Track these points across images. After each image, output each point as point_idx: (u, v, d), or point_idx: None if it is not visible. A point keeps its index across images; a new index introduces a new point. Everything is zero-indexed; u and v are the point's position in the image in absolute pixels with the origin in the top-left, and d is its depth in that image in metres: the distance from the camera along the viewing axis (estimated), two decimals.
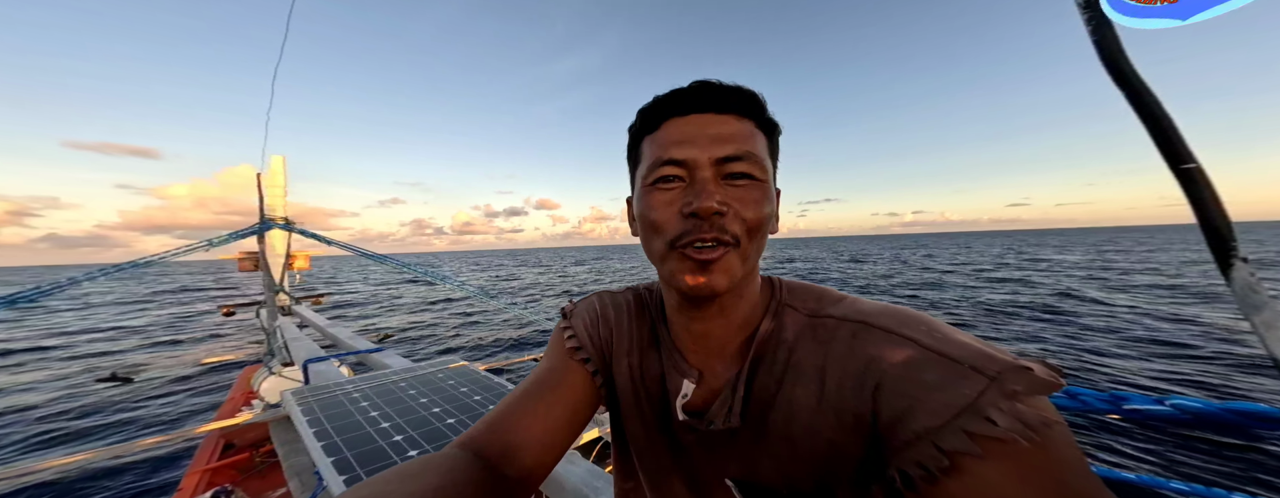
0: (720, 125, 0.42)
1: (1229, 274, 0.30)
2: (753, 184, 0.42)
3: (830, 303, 0.45)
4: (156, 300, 26.45)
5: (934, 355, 0.35)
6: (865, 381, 0.37)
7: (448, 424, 1.47)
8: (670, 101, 0.44)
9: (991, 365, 0.33)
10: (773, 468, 0.43)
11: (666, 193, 0.43)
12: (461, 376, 1.97)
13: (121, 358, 11.29)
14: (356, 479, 1.12)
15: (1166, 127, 0.32)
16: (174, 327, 16.39)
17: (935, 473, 0.32)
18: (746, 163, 0.41)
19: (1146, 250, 40.70)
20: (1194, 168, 0.31)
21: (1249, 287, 0.29)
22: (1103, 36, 0.36)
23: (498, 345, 12.09)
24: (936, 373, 0.34)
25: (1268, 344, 0.29)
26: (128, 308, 22.82)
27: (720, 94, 0.43)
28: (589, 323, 0.62)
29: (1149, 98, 0.33)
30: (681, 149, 0.42)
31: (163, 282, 47.52)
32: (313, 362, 2.45)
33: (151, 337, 14.50)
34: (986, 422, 0.30)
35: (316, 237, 5.53)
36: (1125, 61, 0.35)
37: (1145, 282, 17.79)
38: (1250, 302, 0.29)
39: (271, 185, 5.58)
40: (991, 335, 10.13)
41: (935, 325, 0.38)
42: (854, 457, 0.38)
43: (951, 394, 0.32)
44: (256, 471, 3.40)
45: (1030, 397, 0.31)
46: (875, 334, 0.39)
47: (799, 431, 0.41)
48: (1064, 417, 0.32)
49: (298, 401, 1.67)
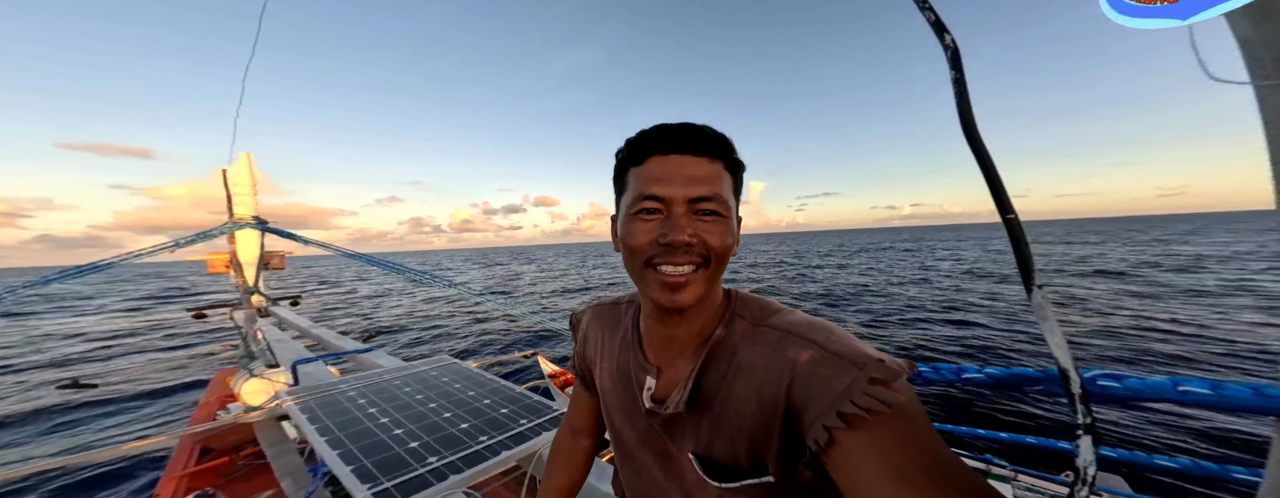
0: (695, 167, 0.50)
1: (1031, 296, 0.42)
2: (717, 220, 0.50)
3: (771, 314, 0.55)
4: (146, 303, 24.99)
5: (828, 354, 0.45)
6: (783, 377, 0.48)
7: (446, 418, 1.57)
8: (655, 139, 0.51)
9: (862, 360, 0.43)
10: (722, 446, 0.53)
11: (646, 223, 0.51)
12: (454, 372, 2.06)
13: (83, 363, 10.74)
14: (365, 472, 1.21)
15: (997, 184, 0.42)
16: (141, 332, 15.62)
17: (823, 446, 0.43)
18: (714, 203, 0.50)
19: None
20: (1014, 217, 0.42)
21: (1042, 304, 0.41)
22: (963, 106, 0.44)
23: (488, 342, 12.05)
24: (829, 368, 0.44)
25: (1049, 342, 0.42)
26: (108, 311, 21.49)
27: (697, 138, 0.50)
28: (581, 337, 0.79)
29: (987, 159, 0.43)
30: (662, 187, 0.50)
31: (149, 282, 44.72)
32: (301, 363, 2.48)
33: (120, 341, 13.79)
34: (851, 404, 0.41)
35: (292, 236, 5.40)
36: (974, 127, 0.43)
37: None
38: (1042, 314, 0.41)
39: (241, 183, 5.40)
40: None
41: (835, 331, 0.49)
42: (775, 437, 0.49)
43: (835, 384, 0.43)
44: (238, 475, 3.37)
45: (890, 382, 0.41)
46: (794, 340, 0.49)
47: (736, 416, 0.51)
48: (933, 387, 0.44)
49: (295, 400, 1.74)
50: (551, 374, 5.95)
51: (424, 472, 1.22)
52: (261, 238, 5.56)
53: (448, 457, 1.30)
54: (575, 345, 0.81)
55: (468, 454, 1.32)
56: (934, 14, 0.47)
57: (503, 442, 1.40)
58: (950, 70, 0.46)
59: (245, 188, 5.55)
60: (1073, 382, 0.43)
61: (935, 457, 0.39)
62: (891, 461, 0.39)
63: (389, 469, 1.22)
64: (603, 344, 0.73)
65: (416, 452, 1.33)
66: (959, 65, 0.46)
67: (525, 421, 1.55)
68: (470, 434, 1.45)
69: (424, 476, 1.20)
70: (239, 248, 5.45)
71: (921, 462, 0.39)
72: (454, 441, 1.40)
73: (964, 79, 0.45)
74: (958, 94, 0.45)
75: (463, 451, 1.34)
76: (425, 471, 1.22)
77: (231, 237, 5.48)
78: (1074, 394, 0.44)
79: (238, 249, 5.44)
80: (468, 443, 1.38)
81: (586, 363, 0.77)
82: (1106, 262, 23.54)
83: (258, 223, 5.41)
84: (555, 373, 6.00)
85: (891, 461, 0.39)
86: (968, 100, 0.45)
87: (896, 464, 0.39)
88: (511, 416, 1.59)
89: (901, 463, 0.39)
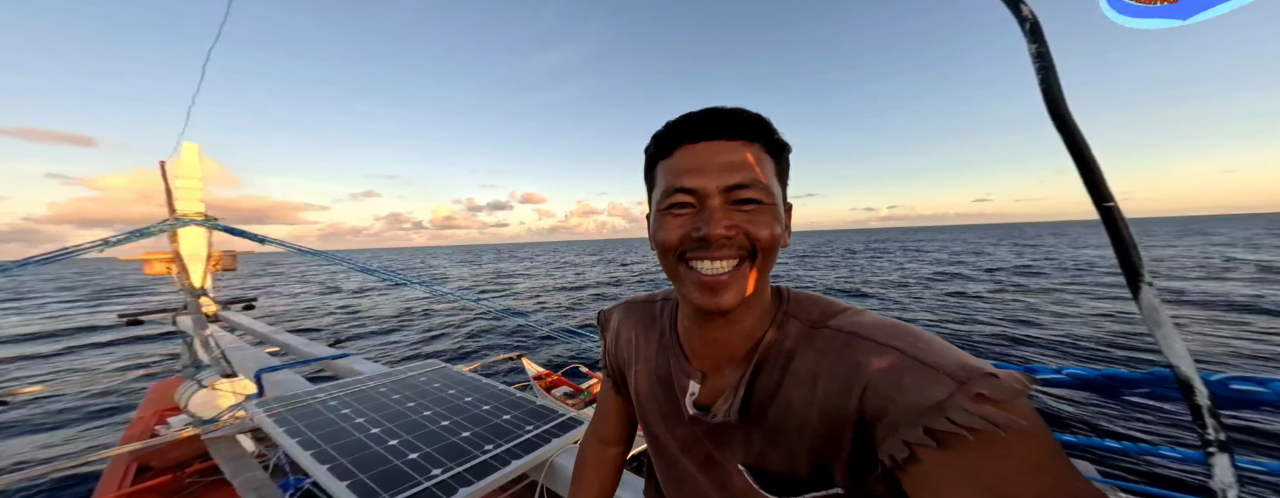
0: (729, 153, 0.45)
1: (1138, 297, 0.36)
2: (760, 208, 0.45)
3: (831, 315, 0.50)
4: (75, 306, 22.29)
5: (913, 362, 0.40)
6: (853, 384, 0.43)
7: (444, 426, 1.46)
8: (682, 128, 0.47)
9: (961, 372, 0.38)
10: (778, 457, 0.49)
11: (678, 218, 0.47)
12: (445, 377, 1.93)
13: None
14: (360, 485, 1.10)
15: (1094, 170, 0.38)
16: (65, 338, 13.96)
17: (899, 462, 0.38)
18: (754, 190, 0.45)
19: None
20: (1114, 206, 0.37)
21: (1153, 306, 0.36)
22: (1048, 83, 0.39)
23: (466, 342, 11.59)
24: (913, 378, 0.39)
25: (1165, 352, 0.37)
26: (27, 314, 19.03)
27: (729, 121, 0.45)
28: (612, 337, 0.73)
29: (1082, 143, 0.38)
30: (692, 178, 0.45)
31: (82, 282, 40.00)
32: (267, 372, 2.27)
33: (41, 348, 12.28)
34: (946, 420, 0.36)
35: (245, 234, 4.99)
36: (1065, 108, 0.38)
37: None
38: (1154, 319, 0.36)
39: (186, 176, 4.94)
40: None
41: (920, 336, 0.43)
42: (845, 449, 0.44)
43: (923, 395, 0.38)
44: (186, 493, 3.08)
45: (1002, 400, 0.36)
46: (864, 344, 0.44)
47: (794, 426, 0.47)
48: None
49: (266, 412, 1.57)
50: (537, 376, 5.77)
51: (430, 485, 1.12)
52: (209, 236, 5.09)
53: (454, 468, 1.20)
54: (605, 345, 0.76)
55: (475, 465, 1.23)
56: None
57: (511, 450, 1.31)
58: (1030, 43, 0.40)
59: (193, 182, 5.07)
60: (1198, 392, 0.37)
61: (1056, 486, 0.33)
62: (994, 489, 0.34)
63: (390, 484, 1.12)
64: (637, 345, 0.68)
65: (418, 464, 1.22)
66: (1041, 38, 0.40)
67: (530, 427, 1.47)
68: (474, 443, 1.35)
69: (431, 489, 1.10)
70: (183, 247, 4.97)
71: (1038, 491, 0.33)
72: (458, 450, 1.30)
73: (1049, 54, 0.40)
74: (1041, 69, 0.39)
75: (469, 461, 1.24)
76: (432, 484, 1.13)
77: (173, 235, 4.99)
78: (1201, 407, 0.38)
79: (181, 248, 4.96)
80: (473, 453, 1.29)
81: (619, 364, 0.72)
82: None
83: (206, 220, 4.95)
84: (541, 374, 5.82)
85: (994, 489, 0.34)
86: (1054, 76, 0.39)
87: (1000, 493, 0.34)
88: (515, 422, 1.51)
89: (1007, 492, 0.33)
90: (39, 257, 4.00)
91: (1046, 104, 0.39)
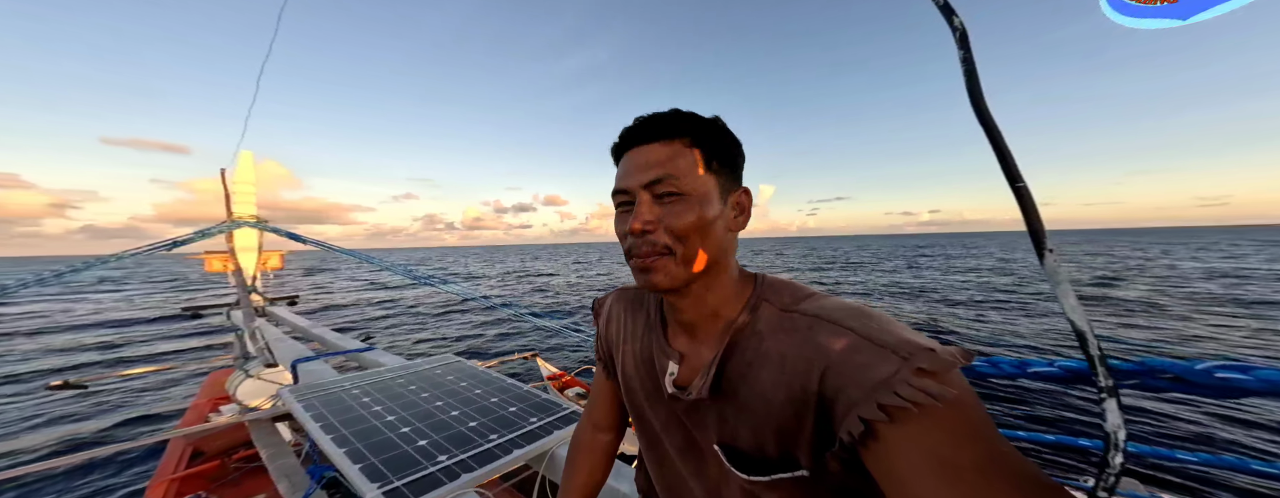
0: (648, 154, 0.51)
1: (1043, 261, 0.44)
2: (678, 199, 0.50)
3: (801, 299, 0.52)
4: (150, 297, 24.78)
5: (865, 342, 0.43)
6: (814, 365, 0.45)
7: (454, 416, 1.54)
8: (624, 137, 0.54)
9: (905, 348, 0.40)
10: (748, 435, 0.51)
11: (622, 215, 0.54)
12: (458, 370, 2.02)
13: (77, 362, 10.59)
14: (374, 470, 1.18)
15: (1007, 156, 0.44)
16: (133, 329, 15.43)
17: (858, 438, 0.40)
18: (667, 183, 0.49)
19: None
20: (1023, 186, 0.43)
21: (1054, 269, 0.43)
22: (972, 84, 0.46)
23: (488, 341, 11.96)
24: (865, 356, 0.42)
25: (1063, 305, 0.43)
26: (107, 307, 21.25)
27: (648, 126, 0.52)
28: (604, 321, 0.77)
29: (998, 134, 0.45)
30: (623, 180, 0.53)
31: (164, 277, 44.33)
32: (301, 362, 2.44)
33: (112, 339, 13.62)
34: (893, 394, 0.38)
35: (290, 234, 5.36)
36: (982, 99, 0.46)
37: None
38: (1054, 278, 0.43)
39: (242, 182, 5.37)
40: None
41: (874, 316, 0.46)
42: (807, 428, 0.46)
43: (874, 373, 0.40)
44: (230, 479, 3.31)
45: (942, 374, 0.38)
46: (826, 326, 0.46)
47: (763, 405, 0.49)
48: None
49: (297, 398, 1.70)
50: (551, 376, 5.88)
51: (435, 470, 1.18)
52: (260, 237, 5.51)
53: (458, 455, 1.27)
54: (598, 329, 0.79)
55: (478, 453, 1.28)
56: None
57: (514, 440, 1.36)
58: (959, 50, 0.48)
59: (247, 187, 5.52)
60: (1090, 343, 0.44)
61: (990, 452, 0.37)
62: (939, 456, 0.37)
63: (399, 468, 1.19)
64: (625, 327, 0.71)
65: (426, 450, 1.29)
66: (967, 45, 0.48)
67: (534, 419, 1.52)
68: (480, 432, 1.41)
69: (435, 474, 1.16)
70: (237, 246, 5.40)
71: (974, 457, 0.36)
72: (463, 439, 1.37)
73: (973, 58, 0.47)
74: (967, 73, 0.47)
75: (473, 449, 1.30)
76: (436, 469, 1.19)
77: (230, 235, 5.44)
78: (1093, 357, 0.44)
79: (236, 247, 5.40)
80: (478, 441, 1.35)
81: (609, 346, 0.76)
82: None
83: (257, 222, 5.36)
84: (555, 375, 5.93)
85: (939, 456, 0.37)
86: (977, 79, 0.47)
87: (944, 460, 0.36)
88: (520, 414, 1.56)
89: (950, 459, 0.36)
90: (116, 254, 4.45)
91: (970, 100, 0.46)
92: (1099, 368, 0.44)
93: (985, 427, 0.38)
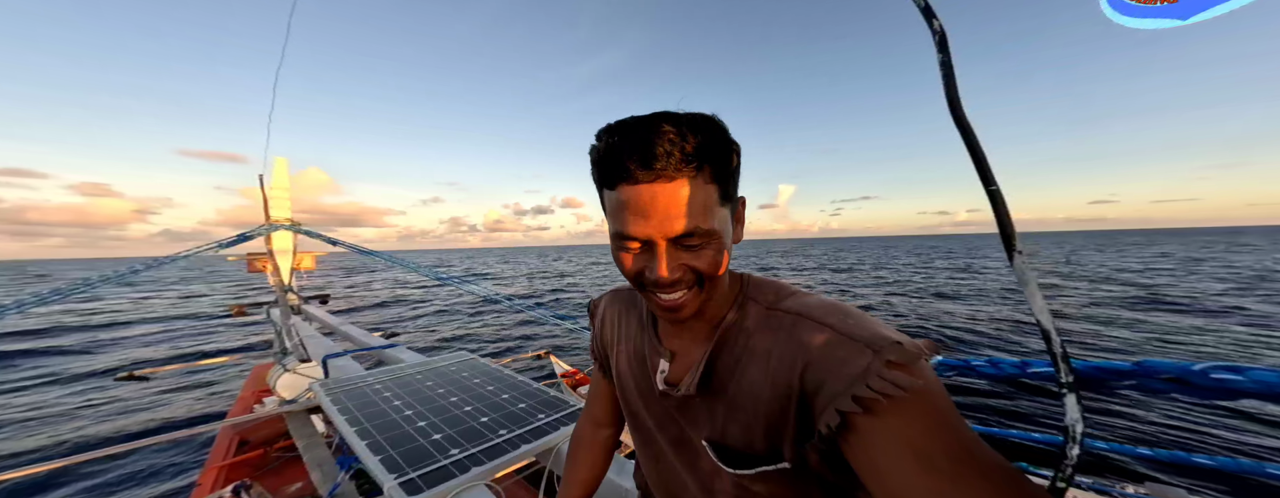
0: (669, 197, 0.43)
1: (1012, 262, 0.44)
2: (705, 243, 0.47)
3: (784, 297, 0.54)
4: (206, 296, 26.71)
5: (843, 337, 0.44)
6: (797, 361, 0.47)
7: (467, 412, 1.61)
8: (619, 162, 0.44)
9: (877, 342, 0.42)
10: (737, 431, 0.53)
11: (629, 253, 0.49)
12: (472, 368, 2.11)
13: (140, 355, 11.51)
14: (392, 462, 1.26)
15: (982, 159, 0.45)
16: (187, 324, 16.62)
17: (836, 429, 0.42)
18: (696, 236, 0.46)
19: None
20: (996, 189, 0.44)
21: (1022, 270, 0.44)
22: (949, 88, 0.47)
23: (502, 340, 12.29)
24: (843, 351, 0.43)
25: (1031, 306, 0.43)
26: (162, 304, 22.99)
27: (663, 155, 0.42)
28: (599, 323, 0.80)
29: (974, 137, 0.45)
30: (636, 226, 0.45)
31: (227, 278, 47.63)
32: (331, 357, 2.59)
33: (170, 335, 14.73)
34: (866, 387, 0.40)
35: (321, 237, 5.64)
36: (961, 108, 0.46)
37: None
38: (1023, 279, 0.44)
39: (278, 187, 5.68)
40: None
41: (850, 313, 0.47)
42: (791, 422, 0.48)
43: (849, 367, 0.42)
44: (271, 468, 3.52)
45: (909, 365, 0.40)
46: (807, 324, 0.48)
47: (751, 401, 0.51)
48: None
49: (326, 392, 1.81)
50: (563, 374, 6.00)
51: (447, 463, 1.25)
52: (294, 239, 5.82)
53: (469, 449, 1.33)
54: (593, 330, 0.82)
55: (488, 447, 1.35)
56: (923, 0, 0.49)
57: (522, 436, 1.42)
58: (938, 53, 0.48)
59: (282, 192, 5.83)
60: (1054, 341, 0.45)
61: (959, 440, 0.38)
62: (912, 445, 0.38)
63: (414, 460, 1.26)
64: (620, 327, 0.74)
65: (439, 444, 1.37)
66: (946, 48, 0.48)
67: (543, 416, 1.58)
68: (490, 428, 1.48)
69: (447, 467, 1.23)
70: (275, 248, 5.73)
71: (944, 446, 0.38)
72: (475, 434, 1.44)
73: (951, 62, 0.48)
74: (945, 76, 0.48)
75: (483, 444, 1.37)
76: (448, 463, 1.26)
77: (268, 238, 5.77)
78: (1056, 354, 0.46)
79: (274, 249, 5.72)
80: (488, 436, 1.42)
81: (604, 346, 0.78)
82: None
83: (292, 225, 5.67)
84: (567, 373, 6.05)
85: (912, 445, 0.38)
86: (954, 82, 0.47)
87: (918, 449, 0.38)
88: (530, 410, 1.62)
89: (923, 447, 0.38)
90: (169, 257, 4.80)
91: (948, 103, 0.47)
92: (1061, 365, 0.46)
93: (952, 416, 0.40)
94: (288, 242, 5.76)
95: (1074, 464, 0.44)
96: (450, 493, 1.15)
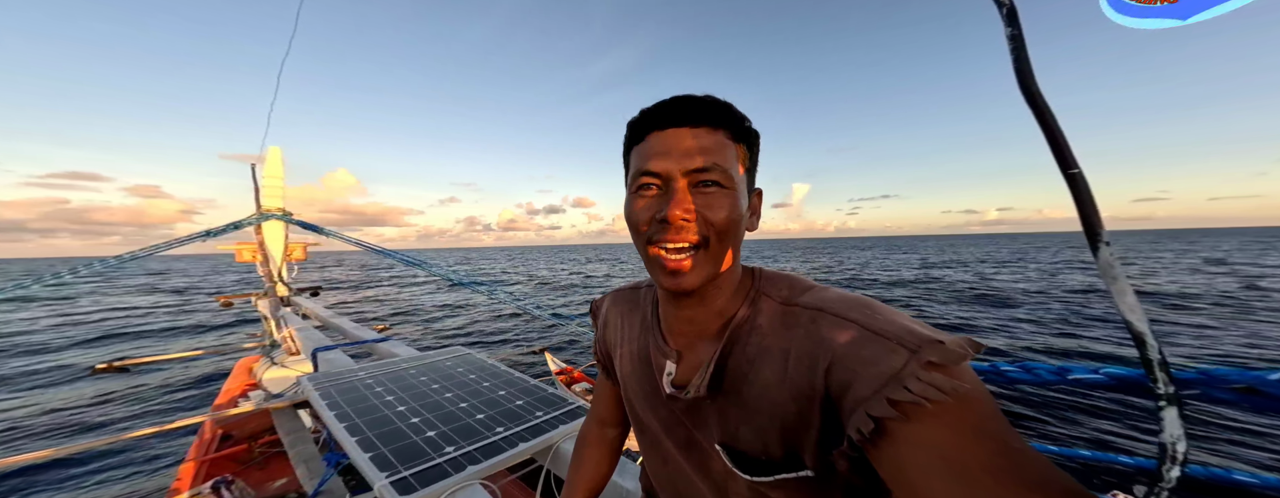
0: (693, 139, 0.47)
1: (1097, 255, 0.40)
2: (720, 191, 0.47)
3: (800, 292, 0.51)
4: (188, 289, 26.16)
5: (871, 334, 0.41)
6: (819, 360, 0.43)
7: (462, 408, 1.55)
8: (651, 116, 0.49)
9: (913, 340, 0.38)
10: (750, 434, 0.50)
11: (645, 199, 0.50)
12: (467, 363, 2.05)
13: (118, 348, 11.25)
14: (383, 460, 1.20)
15: (1060, 140, 0.41)
16: (171, 316, 16.29)
17: (868, 436, 0.38)
18: (713, 172, 0.47)
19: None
20: (1078, 172, 0.40)
21: (1109, 263, 0.40)
22: (1021, 63, 0.43)
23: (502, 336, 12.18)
24: (872, 349, 0.40)
25: (1119, 305, 0.39)
26: (130, 297, 22.55)
27: (695, 108, 0.48)
28: (601, 324, 0.77)
29: (1050, 117, 0.42)
30: (658, 162, 0.48)
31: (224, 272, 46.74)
32: (321, 351, 2.52)
33: (150, 326, 14.42)
34: (904, 389, 0.36)
35: (313, 228, 5.53)
36: (1035, 84, 0.42)
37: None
38: (1110, 274, 0.39)
39: (270, 176, 5.57)
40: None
41: (877, 308, 0.44)
42: (814, 426, 0.45)
43: (881, 367, 0.38)
44: (255, 463, 3.43)
45: (949, 366, 0.37)
46: (828, 319, 0.45)
47: (767, 404, 0.48)
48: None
49: (315, 386, 1.74)
50: (558, 372, 5.95)
51: (442, 462, 1.20)
52: (286, 229, 5.71)
53: (465, 447, 1.28)
54: (596, 332, 0.78)
55: (484, 445, 1.29)
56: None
57: (520, 434, 1.37)
58: (1006, 27, 0.45)
59: (275, 181, 5.72)
60: (1150, 347, 0.40)
61: (1004, 451, 0.34)
62: (950, 456, 0.34)
63: (407, 458, 1.21)
64: (622, 329, 0.70)
65: (433, 441, 1.31)
66: (1016, 22, 0.44)
67: (541, 413, 1.53)
68: (487, 425, 1.43)
69: (442, 465, 1.18)
70: (266, 238, 5.61)
71: (987, 457, 0.34)
72: (471, 431, 1.38)
73: (1021, 35, 0.44)
74: (1015, 50, 0.44)
75: (480, 441, 1.32)
76: (443, 461, 1.20)
77: (258, 227, 5.65)
78: (1153, 361, 0.40)
79: (265, 240, 5.61)
80: (484, 434, 1.36)
81: (607, 349, 0.75)
82: None
83: (283, 215, 5.55)
84: (562, 370, 6.00)
85: (950, 456, 0.34)
86: (1026, 57, 0.43)
87: (956, 460, 0.34)
88: (527, 407, 1.57)
89: (962, 458, 0.34)
90: (160, 245, 4.67)
91: (1017, 79, 0.43)
92: (1159, 374, 0.41)
93: (998, 424, 0.36)
94: (279, 232, 5.65)
95: (1171, 488, 0.40)
96: (444, 492, 1.09)
